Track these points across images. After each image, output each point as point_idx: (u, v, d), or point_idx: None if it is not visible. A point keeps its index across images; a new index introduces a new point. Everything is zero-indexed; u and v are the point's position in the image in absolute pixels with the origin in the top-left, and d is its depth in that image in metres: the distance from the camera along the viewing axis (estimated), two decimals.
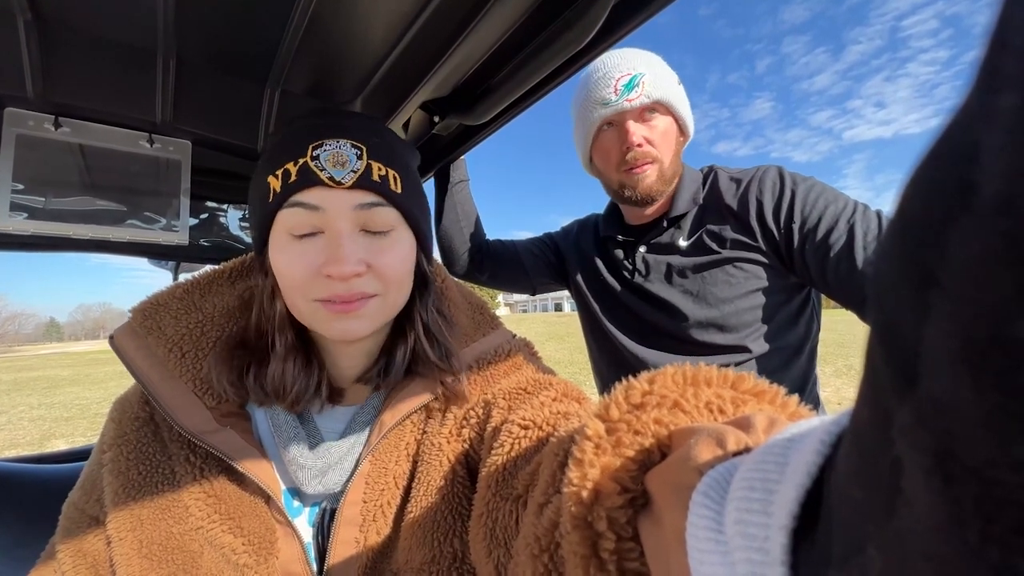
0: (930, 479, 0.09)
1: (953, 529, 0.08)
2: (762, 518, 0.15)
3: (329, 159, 0.47)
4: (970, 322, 0.08)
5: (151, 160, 0.93)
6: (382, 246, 0.50)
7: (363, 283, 0.48)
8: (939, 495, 0.09)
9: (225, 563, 0.49)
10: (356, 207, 0.48)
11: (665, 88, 0.93)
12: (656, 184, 0.95)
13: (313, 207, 0.47)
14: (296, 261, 0.47)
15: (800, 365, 0.96)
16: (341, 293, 0.47)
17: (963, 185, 0.08)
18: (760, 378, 0.28)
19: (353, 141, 0.49)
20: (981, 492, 0.08)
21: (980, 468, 0.08)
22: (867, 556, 0.11)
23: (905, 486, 0.10)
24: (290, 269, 0.47)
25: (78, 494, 0.54)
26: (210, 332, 0.55)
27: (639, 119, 0.94)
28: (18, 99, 0.78)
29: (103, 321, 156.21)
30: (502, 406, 0.52)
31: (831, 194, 0.86)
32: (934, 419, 0.09)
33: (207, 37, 0.71)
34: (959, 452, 0.08)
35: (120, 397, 0.56)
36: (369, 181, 0.48)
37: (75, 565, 0.51)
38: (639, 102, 0.92)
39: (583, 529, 0.24)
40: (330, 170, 0.47)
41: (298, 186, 0.46)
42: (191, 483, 0.50)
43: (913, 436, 0.09)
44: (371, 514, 0.52)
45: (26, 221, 0.84)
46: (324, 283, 0.47)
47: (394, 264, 0.50)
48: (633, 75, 0.92)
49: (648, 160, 0.94)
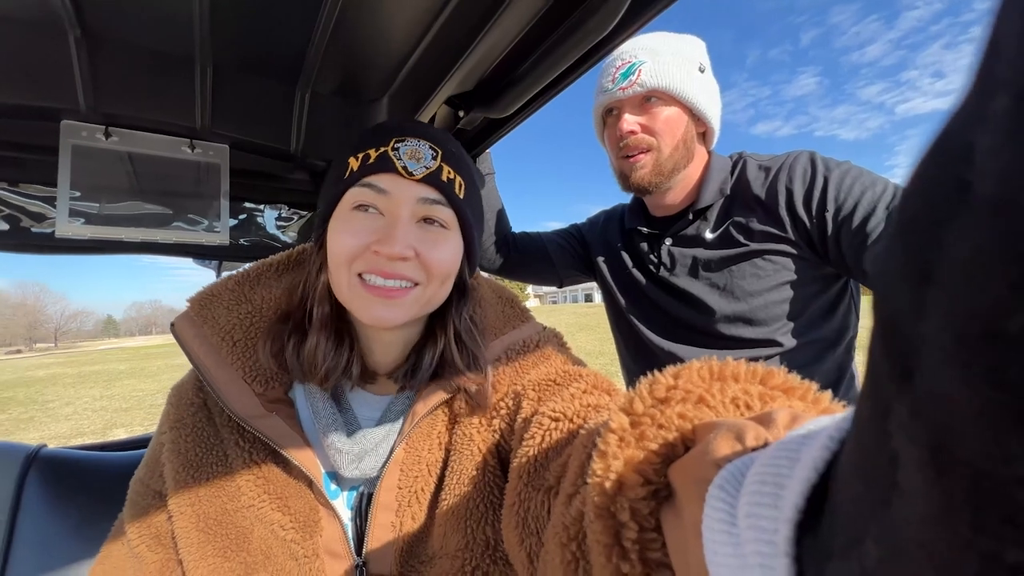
0: (924, 471, 0.09)
1: (946, 520, 0.09)
2: (771, 511, 0.15)
3: (407, 152, 0.51)
4: (964, 318, 0.08)
5: (192, 164, 0.98)
6: (434, 239, 0.52)
7: (407, 268, 0.51)
8: (932, 486, 0.09)
9: (273, 538, 0.53)
10: (420, 200, 0.51)
11: (667, 76, 0.89)
12: (650, 175, 0.93)
13: (381, 190, 0.50)
14: (351, 233, 0.51)
15: (835, 358, 0.92)
16: (384, 269, 0.50)
17: (959, 185, 0.08)
18: (791, 373, 0.27)
19: (432, 143, 0.53)
20: (973, 484, 0.08)
21: (972, 460, 0.08)
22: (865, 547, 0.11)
23: (901, 479, 0.10)
24: (343, 238, 0.51)
25: (144, 471, 0.59)
26: (258, 323, 0.58)
27: (637, 107, 0.93)
28: (72, 112, 0.83)
29: (154, 317, 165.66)
30: (532, 397, 0.53)
31: (868, 178, 0.81)
32: (929, 413, 0.09)
33: (240, 44, 0.74)
34: (952, 445, 0.08)
35: (177, 384, 0.60)
36: (438, 180, 0.52)
37: (141, 535, 0.56)
38: (632, 91, 0.90)
39: (606, 518, 0.25)
40: (406, 161, 0.51)
41: (373, 169, 0.51)
42: (242, 465, 0.54)
43: (909, 429, 0.09)
44: (406, 500, 0.54)
45: (83, 226, 0.90)
46: (371, 257, 0.50)
47: (441, 258, 0.52)
48: (631, 63, 0.90)
49: (642, 148, 0.92)
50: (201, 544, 0.52)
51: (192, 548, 0.52)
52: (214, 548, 0.52)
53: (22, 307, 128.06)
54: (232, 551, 0.52)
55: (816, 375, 0.91)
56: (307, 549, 0.53)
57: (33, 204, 0.97)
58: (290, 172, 1.15)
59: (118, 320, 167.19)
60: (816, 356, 0.91)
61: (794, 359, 0.90)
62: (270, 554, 0.52)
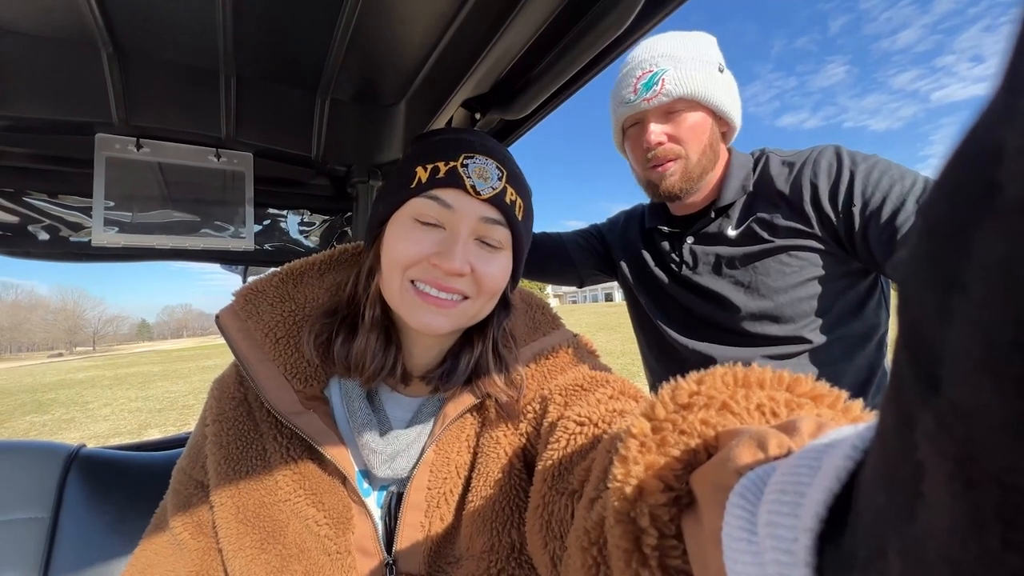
0: (951, 484, 0.09)
1: (974, 534, 0.08)
2: (791, 520, 0.15)
3: (476, 170, 0.52)
4: (993, 327, 0.08)
5: (218, 173, 1.01)
6: (489, 258, 0.54)
7: (461, 282, 0.52)
8: (960, 500, 0.09)
9: (308, 532, 0.54)
10: (481, 218, 0.52)
11: (692, 82, 0.87)
12: (679, 182, 0.92)
13: (447, 204, 0.51)
14: (412, 241, 0.52)
15: (867, 355, 0.89)
16: (440, 282, 0.51)
17: (987, 187, 0.08)
18: (819, 381, 0.27)
19: (498, 163, 0.54)
20: (1003, 498, 0.08)
21: (1002, 474, 0.08)
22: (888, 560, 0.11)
23: (926, 490, 0.09)
24: (404, 245, 0.52)
25: (186, 460, 0.61)
26: (300, 321, 0.59)
27: (661, 117, 0.91)
28: (105, 125, 0.87)
29: (185, 321, 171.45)
30: (559, 402, 0.53)
31: (896, 172, 0.79)
32: (956, 424, 0.09)
33: (262, 54, 0.76)
34: (981, 457, 0.08)
35: (219, 377, 0.62)
36: (502, 201, 0.53)
37: (184, 523, 0.58)
38: (657, 102, 0.88)
39: (626, 524, 0.24)
40: (474, 179, 0.52)
41: (443, 183, 0.51)
42: (279, 460, 0.55)
43: (935, 440, 0.09)
44: (435, 500, 0.55)
45: (117, 235, 0.94)
46: (427, 268, 0.51)
47: (494, 276, 0.54)
48: (653, 72, 0.88)
49: (670, 158, 0.91)
50: (240, 535, 0.54)
51: (231, 538, 0.54)
52: (252, 539, 0.53)
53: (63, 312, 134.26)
54: (269, 543, 0.53)
55: (847, 372, 0.88)
56: (340, 545, 0.54)
57: (71, 214, 1.02)
58: (312, 178, 1.18)
59: (151, 324, 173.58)
60: (846, 353, 0.88)
61: (823, 356, 0.87)
62: (304, 547, 0.54)
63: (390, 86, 0.86)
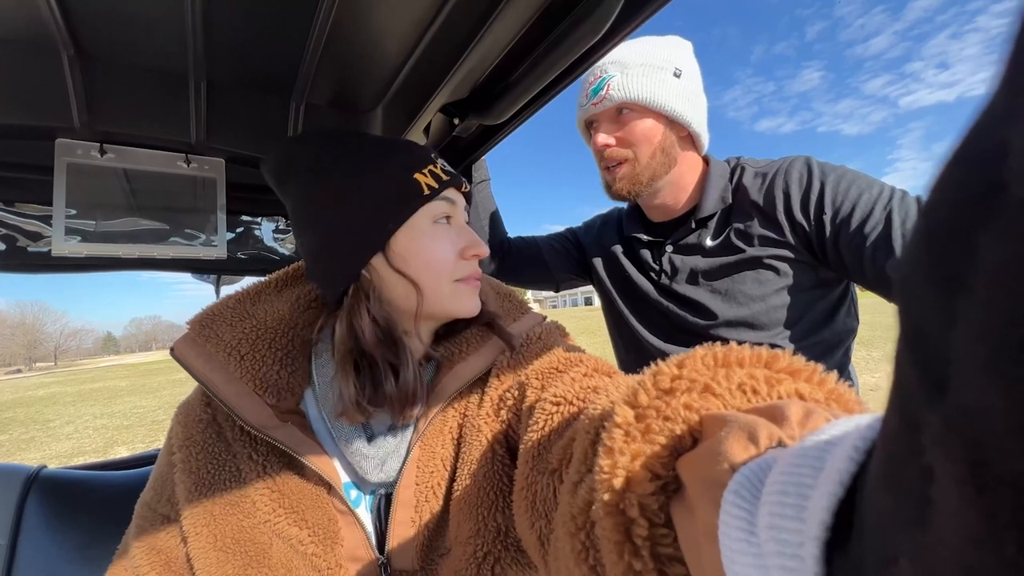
0: (963, 489, 0.09)
1: (988, 540, 0.08)
2: (796, 524, 0.15)
3: (448, 169, 0.60)
4: (1001, 328, 0.08)
5: (188, 179, 0.98)
6: None
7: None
8: (972, 505, 0.08)
9: (293, 553, 0.52)
10: (464, 207, 0.61)
11: (635, 88, 0.89)
12: (628, 184, 0.95)
13: (452, 201, 0.58)
14: (445, 242, 0.57)
15: (835, 361, 0.93)
16: (476, 271, 0.59)
17: (992, 186, 0.08)
18: (796, 356, 0.27)
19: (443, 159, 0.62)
20: (1017, 502, 0.08)
21: (1015, 478, 0.08)
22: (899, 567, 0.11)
23: (936, 495, 0.09)
24: (440, 246, 0.57)
25: (150, 494, 0.58)
26: (264, 336, 0.58)
27: (612, 120, 0.94)
28: (66, 130, 0.83)
29: (154, 333, 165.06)
30: (535, 385, 0.53)
31: (864, 182, 0.82)
32: (965, 427, 0.08)
33: (234, 59, 0.74)
34: (992, 461, 0.08)
35: (183, 402, 0.60)
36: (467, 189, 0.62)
37: (150, 561, 0.55)
38: (602, 106, 0.92)
39: (616, 516, 0.24)
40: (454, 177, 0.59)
41: (448, 184, 0.58)
42: (256, 479, 0.53)
43: (944, 444, 0.09)
44: (423, 495, 0.55)
45: (80, 244, 0.90)
46: (466, 264, 0.58)
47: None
48: (601, 78, 0.92)
49: (619, 160, 0.94)
50: (220, 563, 0.51)
51: (210, 569, 0.51)
52: (234, 567, 0.51)
53: (21, 327, 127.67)
54: (252, 568, 0.51)
55: None
56: (329, 561, 0.53)
57: (29, 223, 0.97)
58: None
59: (118, 337, 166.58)
60: (816, 359, 0.91)
61: None
62: (291, 567, 0.52)
63: (366, 92, 0.85)
